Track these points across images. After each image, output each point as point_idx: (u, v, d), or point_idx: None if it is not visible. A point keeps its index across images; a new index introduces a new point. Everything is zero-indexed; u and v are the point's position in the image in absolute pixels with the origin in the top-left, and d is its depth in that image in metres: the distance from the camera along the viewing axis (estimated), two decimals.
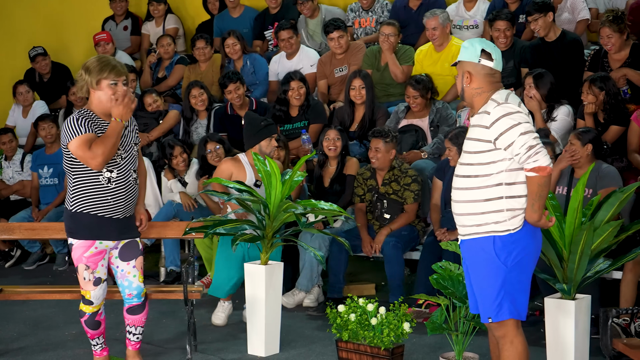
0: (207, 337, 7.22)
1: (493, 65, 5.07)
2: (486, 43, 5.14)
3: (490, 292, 5.03)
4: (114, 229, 6.02)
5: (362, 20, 10.64)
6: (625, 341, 5.49)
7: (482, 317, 5.14)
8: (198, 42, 10.64)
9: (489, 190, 5.00)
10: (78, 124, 5.84)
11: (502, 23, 9.13)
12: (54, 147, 10.10)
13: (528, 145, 4.89)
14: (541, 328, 6.50)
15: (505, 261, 4.99)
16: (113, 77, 5.87)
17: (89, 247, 6.00)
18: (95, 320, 6.20)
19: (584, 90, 8.02)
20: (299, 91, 9.32)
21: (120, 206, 6.00)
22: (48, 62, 11.44)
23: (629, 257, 6.03)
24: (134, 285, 6.21)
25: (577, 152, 7.24)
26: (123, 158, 5.99)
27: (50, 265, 9.94)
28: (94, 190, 5.94)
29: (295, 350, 6.86)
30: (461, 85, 5.13)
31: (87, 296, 6.11)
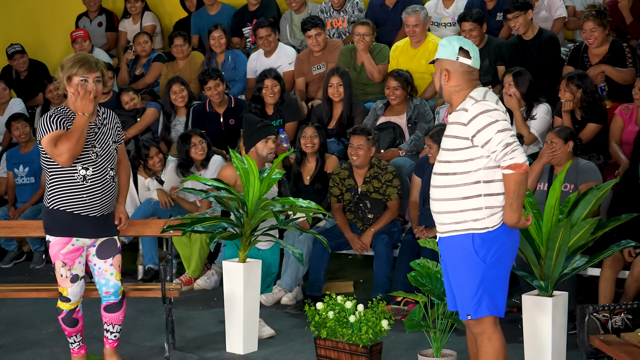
0: (186, 335, 7.22)
1: (471, 63, 5.10)
2: (464, 41, 5.15)
3: (469, 289, 5.05)
4: (90, 227, 6.00)
5: (334, 20, 10.65)
6: (602, 337, 5.51)
7: (460, 314, 5.16)
8: (176, 39, 10.63)
9: (468, 188, 5.01)
10: (50, 122, 5.84)
11: (467, 24, 9.16)
12: (28, 146, 10.07)
13: (505, 142, 4.90)
14: (519, 324, 6.52)
15: (484, 258, 5.01)
16: (83, 73, 5.85)
17: (66, 244, 5.99)
18: (73, 317, 6.18)
19: (562, 88, 8.08)
20: (273, 89, 9.33)
21: (96, 204, 5.98)
22: (26, 60, 11.40)
23: (606, 254, 6.07)
24: (111, 283, 6.19)
25: (559, 149, 7.30)
26: (99, 155, 5.96)
27: (27, 264, 9.90)
28: (69, 187, 5.93)
29: (274, 347, 6.87)
30: (439, 83, 5.14)
31: (65, 293, 6.10)
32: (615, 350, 5.28)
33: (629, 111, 8.06)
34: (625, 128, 8.06)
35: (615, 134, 8.08)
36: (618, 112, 8.11)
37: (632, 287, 6.86)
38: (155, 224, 7.08)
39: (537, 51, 8.90)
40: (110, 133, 6.07)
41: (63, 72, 5.90)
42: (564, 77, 8.14)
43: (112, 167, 6.05)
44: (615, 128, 8.09)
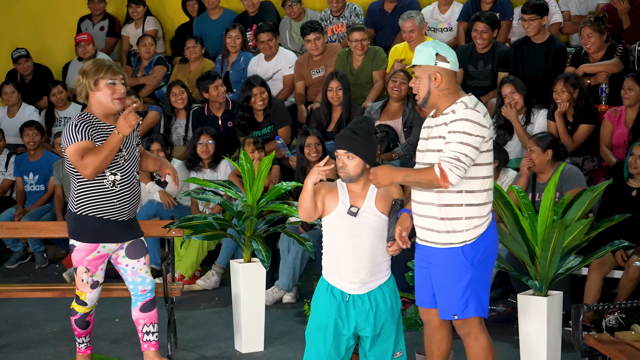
0: (187, 335, 7.28)
1: (449, 67, 5.10)
2: (440, 45, 5.16)
3: (457, 291, 5.09)
4: (118, 232, 5.99)
5: (334, 27, 10.76)
6: (597, 336, 5.56)
7: (445, 315, 5.19)
8: (188, 41, 10.77)
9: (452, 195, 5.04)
10: (76, 131, 5.81)
11: (480, 25, 9.25)
12: (37, 154, 10.15)
13: (458, 155, 4.92)
14: (514, 324, 6.60)
15: (472, 261, 5.07)
16: (110, 76, 5.87)
17: (92, 250, 5.97)
18: (86, 320, 6.20)
19: (558, 89, 8.16)
20: (262, 96, 9.41)
21: (125, 208, 5.98)
22: (30, 64, 11.48)
23: (598, 254, 6.13)
24: (148, 280, 6.19)
25: (536, 158, 7.40)
26: (126, 160, 5.97)
27: (31, 264, 9.96)
28: (98, 193, 5.91)
29: (274, 346, 6.94)
30: (427, 88, 5.09)
31: (82, 297, 6.10)
32: (610, 348, 5.32)
33: (617, 114, 8.13)
34: (615, 131, 8.14)
35: (605, 137, 8.15)
36: (607, 115, 8.18)
37: (627, 287, 6.92)
38: (158, 224, 7.17)
39: (542, 56, 8.99)
40: (132, 137, 6.08)
41: (87, 78, 5.88)
42: (559, 78, 8.23)
43: (137, 170, 6.07)
44: (605, 132, 8.16)
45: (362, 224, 5.15)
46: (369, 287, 5.21)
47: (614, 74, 8.57)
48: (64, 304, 7.98)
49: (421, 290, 5.31)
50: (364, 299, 5.21)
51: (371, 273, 5.20)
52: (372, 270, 5.19)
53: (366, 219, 5.15)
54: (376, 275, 5.22)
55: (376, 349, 5.28)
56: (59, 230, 7.59)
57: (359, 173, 5.12)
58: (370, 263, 5.18)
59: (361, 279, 5.19)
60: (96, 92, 5.90)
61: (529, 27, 8.99)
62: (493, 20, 9.34)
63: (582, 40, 8.76)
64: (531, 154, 7.45)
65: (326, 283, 5.29)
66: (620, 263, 7.05)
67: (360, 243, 5.17)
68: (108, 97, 5.89)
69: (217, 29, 11.18)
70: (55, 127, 10.74)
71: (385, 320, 5.24)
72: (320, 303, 5.30)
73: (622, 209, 6.71)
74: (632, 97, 8.00)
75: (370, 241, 5.18)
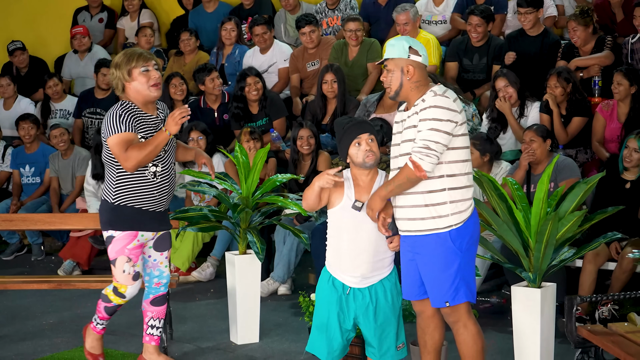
0: (183, 326, 7.30)
1: (421, 60, 5.17)
2: (412, 40, 5.24)
3: (447, 278, 5.14)
4: (154, 221, 5.97)
5: (330, 19, 10.77)
6: (590, 328, 5.58)
7: (436, 303, 5.22)
8: (182, 34, 10.78)
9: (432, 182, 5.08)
10: (120, 121, 5.75)
11: (475, 18, 9.27)
12: (33, 147, 10.17)
13: (427, 143, 4.98)
14: (508, 316, 6.61)
15: (460, 246, 5.13)
16: (142, 64, 5.82)
17: (133, 238, 5.92)
18: (116, 309, 6.18)
19: (551, 84, 8.18)
20: (256, 86, 9.41)
21: (163, 199, 5.96)
22: (26, 57, 11.48)
23: (592, 246, 6.13)
24: (165, 274, 6.17)
25: (538, 148, 7.44)
26: (166, 151, 5.93)
27: (28, 256, 9.96)
28: (139, 184, 5.86)
29: (269, 338, 6.96)
30: (399, 81, 5.16)
31: (122, 289, 6.02)
32: (603, 340, 5.36)
33: (610, 107, 8.14)
34: (608, 125, 8.15)
35: (597, 132, 8.17)
36: (599, 109, 8.19)
37: (620, 279, 6.93)
38: None
39: (536, 49, 9.01)
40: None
41: (120, 69, 5.83)
42: (552, 73, 8.25)
43: (174, 161, 6.05)
44: (597, 126, 8.18)
45: (365, 219, 5.18)
46: (370, 282, 5.25)
47: (607, 66, 8.59)
48: (60, 295, 8.09)
49: (409, 283, 5.32)
50: (364, 293, 5.25)
51: (373, 268, 5.24)
52: (374, 265, 5.24)
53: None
54: (378, 270, 5.26)
55: (379, 342, 5.31)
56: (54, 222, 7.62)
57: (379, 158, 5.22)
58: (372, 258, 5.23)
59: (362, 273, 5.23)
60: (132, 82, 5.85)
61: (525, 21, 9.00)
62: (488, 13, 9.35)
63: (569, 34, 8.81)
64: (532, 145, 7.47)
65: (328, 274, 5.34)
66: (614, 255, 7.07)
67: (363, 238, 5.21)
68: (144, 85, 5.83)
69: (212, 22, 11.19)
70: (50, 120, 10.75)
71: (385, 314, 5.28)
72: (322, 295, 5.36)
73: (616, 202, 6.71)
74: (621, 92, 8.02)
75: (373, 236, 5.22)
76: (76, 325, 7.31)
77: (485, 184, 5.92)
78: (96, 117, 10.56)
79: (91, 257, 9.18)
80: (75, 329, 7.26)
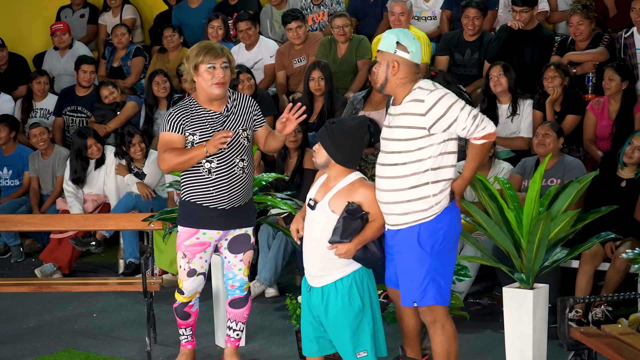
0: (167, 329, 7.20)
1: (409, 57, 5.16)
2: (405, 35, 5.22)
3: (416, 278, 5.19)
4: (220, 219, 5.87)
5: (315, 15, 10.68)
6: (583, 330, 5.53)
7: (405, 301, 5.29)
8: (165, 30, 10.67)
9: (417, 177, 5.12)
10: (168, 119, 5.78)
11: (472, 11, 9.19)
12: (9, 149, 9.98)
13: (472, 115, 5.04)
14: (499, 317, 6.55)
15: (431, 250, 5.15)
16: (210, 60, 5.70)
17: (191, 235, 5.88)
18: (184, 310, 6.09)
19: (549, 76, 8.10)
20: (249, 82, 9.31)
21: (224, 197, 5.82)
22: (5, 54, 11.30)
23: (585, 246, 6.09)
24: (238, 277, 6.08)
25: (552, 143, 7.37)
26: (226, 147, 5.79)
27: (8, 259, 9.80)
28: (196, 180, 5.82)
29: (256, 341, 6.88)
30: (385, 75, 5.20)
31: (180, 285, 6.01)
32: (596, 342, 5.30)
33: (600, 105, 8.09)
34: (599, 123, 8.10)
35: (588, 130, 8.11)
36: (589, 107, 8.14)
37: (614, 279, 6.88)
38: (136, 217, 7.09)
39: (530, 44, 8.92)
40: (242, 120, 5.90)
41: (189, 62, 5.75)
42: (549, 65, 8.17)
43: (242, 157, 5.86)
44: (588, 125, 8.12)
45: (316, 218, 5.31)
46: (323, 281, 5.32)
47: (601, 63, 8.50)
48: (40, 298, 8.01)
49: (390, 269, 5.39)
50: (318, 292, 5.35)
51: (320, 268, 5.30)
52: (322, 265, 5.29)
53: (320, 214, 5.28)
54: (327, 271, 5.29)
55: (335, 344, 5.40)
56: (35, 223, 7.51)
57: (323, 163, 5.29)
58: (318, 258, 5.29)
59: (312, 271, 5.35)
60: (198, 78, 5.77)
61: (521, 18, 8.90)
62: (484, 6, 9.28)
63: (570, 29, 8.71)
64: (546, 138, 7.37)
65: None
66: (609, 255, 6.99)
67: (313, 236, 5.32)
68: (207, 82, 5.73)
69: (196, 18, 11.07)
70: (30, 119, 10.57)
71: (336, 318, 5.30)
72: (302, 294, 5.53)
73: (612, 200, 6.66)
74: (613, 88, 7.97)
75: (320, 236, 5.27)
76: (57, 329, 7.24)
77: (476, 184, 5.82)
78: (77, 115, 10.41)
79: (72, 260, 9.03)
80: (56, 332, 7.19)
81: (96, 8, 12.15)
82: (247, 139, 5.91)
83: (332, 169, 5.29)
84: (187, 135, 5.77)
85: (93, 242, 8.92)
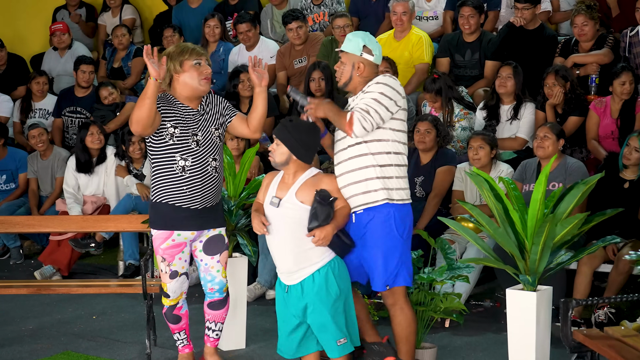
0: (167, 332, 7.11)
1: (373, 60, 5.57)
2: (369, 38, 5.61)
3: (390, 262, 5.50)
4: (192, 220, 5.86)
5: (315, 15, 10.65)
6: (586, 332, 5.50)
7: (378, 286, 5.54)
8: (165, 31, 10.66)
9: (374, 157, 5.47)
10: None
11: (467, 9, 9.18)
12: (1, 154, 9.93)
13: (369, 108, 5.39)
14: (502, 319, 6.51)
15: (402, 233, 5.52)
16: (195, 57, 5.79)
17: (166, 238, 5.86)
18: (173, 314, 6.07)
19: (549, 83, 8.09)
20: (250, 82, 9.28)
21: (197, 196, 5.82)
22: (4, 54, 11.27)
23: (590, 250, 6.04)
24: (217, 280, 6.07)
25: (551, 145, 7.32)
26: (200, 144, 5.80)
27: (7, 260, 9.76)
28: (169, 179, 5.79)
29: (256, 344, 6.85)
30: (349, 74, 5.58)
31: (165, 288, 6.00)
32: (599, 344, 5.27)
33: (603, 104, 8.07)
34: (601, 122, 8.07)
35: (591, 129, 8.09)
36: (592, 107, 8.12)
37: (617, 281, 6.85)
38: (136, 219, 7.06)
39: (532, 43, 8.89)
40: (214, 119, 5.92)
41: (172, 60, 5.76)
42: (550, 71, 8.14)
43: (215, 156, 5.88)
44: (591, 124, 8.11)
45: (283, 214, 5.44)
46: (301, 276, 5.46)
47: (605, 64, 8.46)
48: (40, 300, 7.97)
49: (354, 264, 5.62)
50: (297, 288, 5.48)
51: (296, 262, 5.45)
52: (297, 259, 5.44)
53: (287, 209, 5.43)
54: (303, 264, 5.44)
55: (319, 336, 5.53)
56: (34, 224, 7.49)
57: (283, 161, 5.47)
58: (292, 253, 5.43)
59: (288, 268, 5.48)
60: (182, 74, 5.80)
61: (523, 15, 8.86)
62: (479, 4, 9.25)
63: (574, 29, 8.67)
64: (545, 141, 7.33)
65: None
66: (611, 257, 6.96)
67: (282, 234, 5.46)
68: (195, 78, 5.79)
69: (196, 18, 11.03)
70: (29, 119, 10.53)
71: (317, 309, 5.44)
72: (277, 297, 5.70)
73: (615, 202, 6.62)
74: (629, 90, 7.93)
75: (290, 231, 5.43)
76: (56, 331, 7.21)
77: (482, 184, 5.78)
78: (76, 116, 10.37)
79: (72, 262, 9.00)
80: (55, 334, 7.16)
81: (92, 8, 12.11)
82: (219, 137, 5.95)
83: (292, 166, 5.48)
84: (167, 126, 5.75)
85: (92, 243, 8.90)
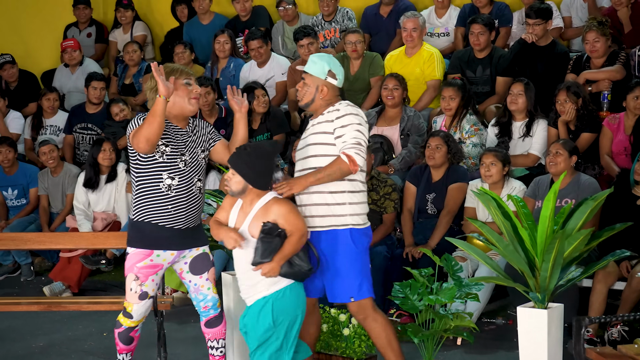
0: (177, 349, 7.14)
1: (336, 84, 5.74)
2: (334, 62, 5.75)
3: (354, 275, 5.62)
4: (173, 240, 5.81)
5: (327, 32, 10.65)
6: (599, 350, 5.47)
7: (341, 298, 5.65)
8: (177, 47, 10.64)
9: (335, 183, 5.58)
10: (137, 120, 5.70)
11: (477, 26, 9.17)
12: (12, 169, 9.98)
13: (358, 140, 5.53)
14: (514, 337, 6.47)
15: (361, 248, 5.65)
16: (185, 77, 5.76)
17: (144, 257, 5.77)
18: (130, 335, 5.97)
19: (560, 99, 8.06)
20: (264, 99, 9.28)
21: (181, 216, 5.78)
22: (15, 71, 11.29)
23: (600, 264, 6.02)
24: (209, 297, 6.01)
25: (563, 162, 7.29)
26: (187, 164, 5.78)
27: (17, 277, 9.75)
28: (154, 197, 5.73)
29: None
30: (312, 96, 5.73)
31: (129, 309, 5.86)
32: None
33: (616, 121, 8.04)
34: (615, 138, 8.05)
35: (605, 145, 8.06)
36: (606, 123, 8.09)
37: (630, 299, 6.79)
38: None
39: (544, 59, 8.87)
40: (200, 142, 5.90)
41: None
42: (561, 88, 8.11)
43: (199, 177, 5.86)
44: (604, 140, 8.08)
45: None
46: (249, 301, 5.66)
47: (617, 81, 8.43)
48: (50, 317, 7.97)
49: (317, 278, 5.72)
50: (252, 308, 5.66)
51: (246, 289, 5.64)
52: (247, 287, 5.62)
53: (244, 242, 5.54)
54: (250, 292, 5.62)
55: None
56: (45, 241, 7.48)
57: (239, 189, 5.54)
58: (244, 281, 5.62)
59: (243, 293, 5.69)
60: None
61: (534, 31, 8.85)
62: (490, 22, 9.22)
63: (586, 46, 8.63)
64: (557, 157, 7.30)
65: None
66: (625, 274, 6.90)
67: (237, 261, 5.64)
68: (184, 98, 5.75)
69: (207, 34, 11.04)
70: (40, 136, 10.55)
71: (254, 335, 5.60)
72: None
73: (627, 218, 6.54)
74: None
75: (243, 261, 5.58)
76: (67, 348, 7.21)
77: (489, 203, 5.76)
78: (87, 132, 10.39)
79: (82, 278, 8.98)
80: (66, 351, 7.16)
81: (102, 26, 12.14)
82: (204, 159, 5.95)
83: (249, 194, 5.55)
84: (159, 144, 5.70)
85: (103, 260, 8.89)
